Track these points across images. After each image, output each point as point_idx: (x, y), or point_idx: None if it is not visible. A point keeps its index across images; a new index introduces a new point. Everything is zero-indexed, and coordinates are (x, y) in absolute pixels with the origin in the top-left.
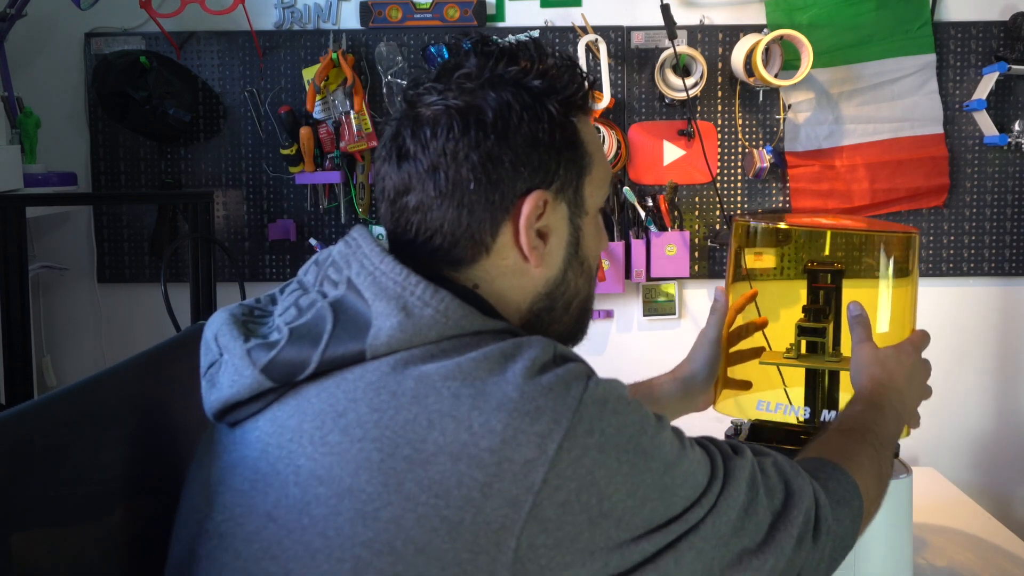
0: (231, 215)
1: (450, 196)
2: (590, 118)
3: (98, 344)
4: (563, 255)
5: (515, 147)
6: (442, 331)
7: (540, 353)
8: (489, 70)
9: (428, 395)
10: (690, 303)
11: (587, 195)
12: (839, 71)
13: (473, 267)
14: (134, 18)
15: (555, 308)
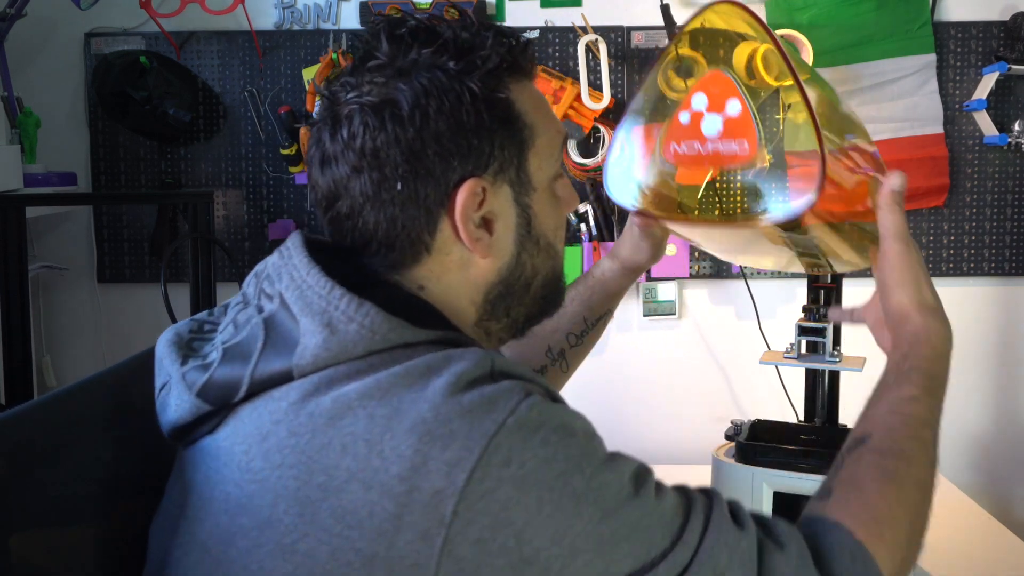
0: (231, 215)
1: (377, 198)
2: (530, 80)
3: (98, 344)
4: (513, 239)
5: (438, 137)
6: (369, 346)
7: (471, 367)
8: (402, 56)
9: (344, 416)
10: (690, 303)
11: (533, 170)
12: (839, 71)
13: (417, 268)
14: (134, 18)
15: (513, 292)
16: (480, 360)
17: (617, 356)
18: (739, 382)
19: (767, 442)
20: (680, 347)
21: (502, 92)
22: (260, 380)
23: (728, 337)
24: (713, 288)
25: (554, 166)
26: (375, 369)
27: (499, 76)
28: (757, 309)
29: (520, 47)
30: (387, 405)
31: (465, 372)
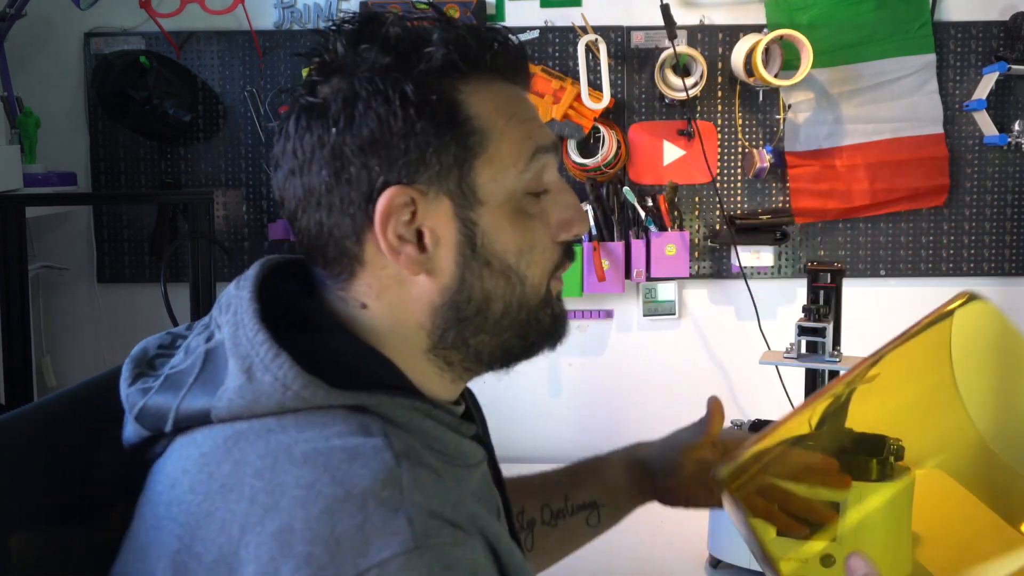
0: (231, 215)
1: (307, 202)
2: (502, 82)
3: (98, 344)
4: (454, 257)
5: (359, 138)
6: (281, 402)
7: (369, 483)
8: (349, 55)
9: (234, 490)
10: (690, 303)
11: (482, 181)
12: (839, 71)
13: (355, 282)
14: (134, 18)
15: (467, 320)
16: (386, 477)
17: (617, 356)
18: (739, 382)
19: None
20: (680, 347)
21: (442, 96)
22: (184, 415)
23: (728, 337)
24: (713, 288)
25: (520, 180)
26: (284, 433)
27: (443, 76)
28: (757, 309)
29: (480, 44)
30: (270, 494)
31: (357, 488)
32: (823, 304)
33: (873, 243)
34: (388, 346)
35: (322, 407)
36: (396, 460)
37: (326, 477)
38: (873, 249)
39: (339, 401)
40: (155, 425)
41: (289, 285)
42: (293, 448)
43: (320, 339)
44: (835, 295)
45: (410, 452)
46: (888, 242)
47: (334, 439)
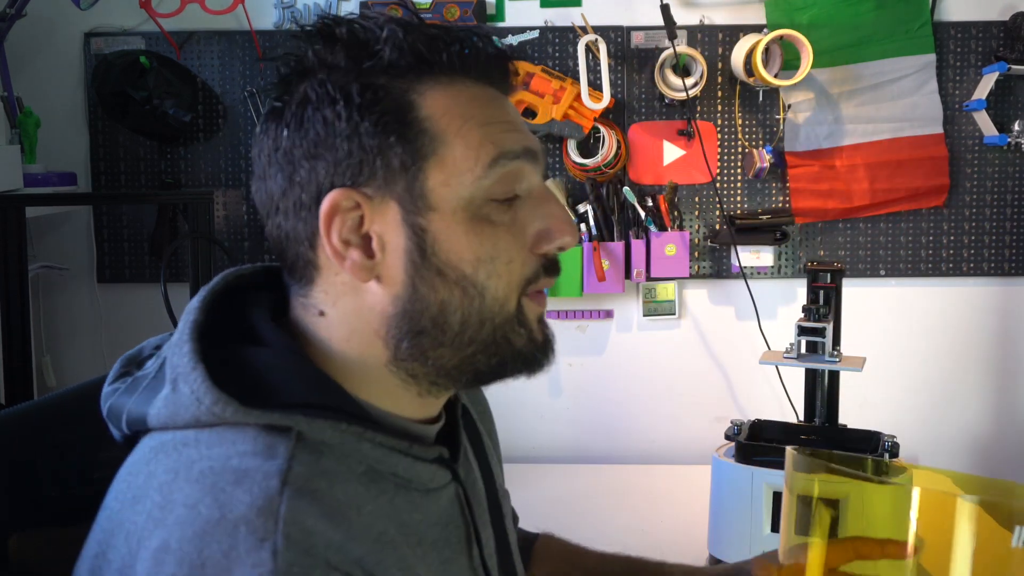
0: (231, 215)
1: (269, 207)
2: (457, 80)
3: (98, 344)
4: (403, 266)
5: (306, 139)
6: (196, 415)
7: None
8: (305, 56)
9: (140, 500)
10: (690, 303)
11: (433, 186)
12: (839, 71)
13: (313, 289)
14: (134, 18)
15: (424, 332)
16: (263, 505)
17: (617, 356)
18: (739, 382)
19: (767, 442)
20: (680, 347)
21: (386, 94)
22: (131, 419)
23: (728, 337)
24: (713, 288)
25: (478, 185)
26: (195, 448)
27: (396, 76)
28: (757, 309)
29: (438, 44)
30: (162, 510)
31: (233, 513)
32: (823, 304)
33: (873, 243)
34: (346, 358)
35: (237, 423)
36: (281, 488)
37: (208, 498)
38: (873, 249)
39: (251, 419)
40: (117, 426)
41: (258, 294)
42: (194, 465)
43: (250, 354)
44: (835, 295)
45: (312, 480)
46: (888, 242)
47: (233, 459)
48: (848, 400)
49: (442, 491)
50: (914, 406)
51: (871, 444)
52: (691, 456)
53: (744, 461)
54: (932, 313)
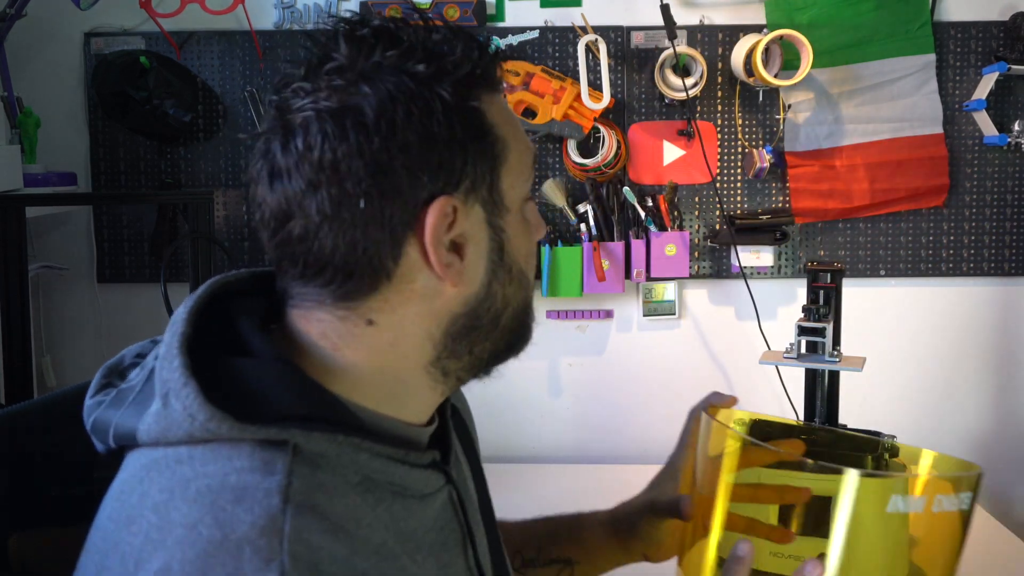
0: (231, 215)
1: (337, 218)
2: (499, 94)
3: (98, 344)
4: (485, 266)
5: (406, 148)
6: (190, 432)
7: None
8: (364, 58)
9: (135, 521)
10: (690, 303)
11: (506, 189)
12: (839, 71)
13: (371, 298)
14: (134, 18)
15: (480, 327)
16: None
17: (617, 356)
18: (739, 382)
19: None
20: (680, 347)
21: (474, 102)
22: (119, 434)
23: (728, 337)
24: (713, 288)
25: (525, 186)
26: (189, 465)
27: (471, 85)
28: (757, 309)
29: (491, 56)
30: (160, 531)
31: (236, 533)
32: (823, 304)
33: (873, 243)
34: (383, 370)
35: (232, 439)
36: (283, 506)
37: (208, 518)
38: (873, 249)
39: (247, 434)
40: (102, 440)
41: (245, 302)
42: (190, 484)
43: (241, 366)
44: (835, 295)
45: (312, 496)
46: (888, 242)
47: (231, 476)
48: (848, 400)
49: (436, 495)
50: (914, 406)
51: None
52: None
53: None
54: (932, 313)
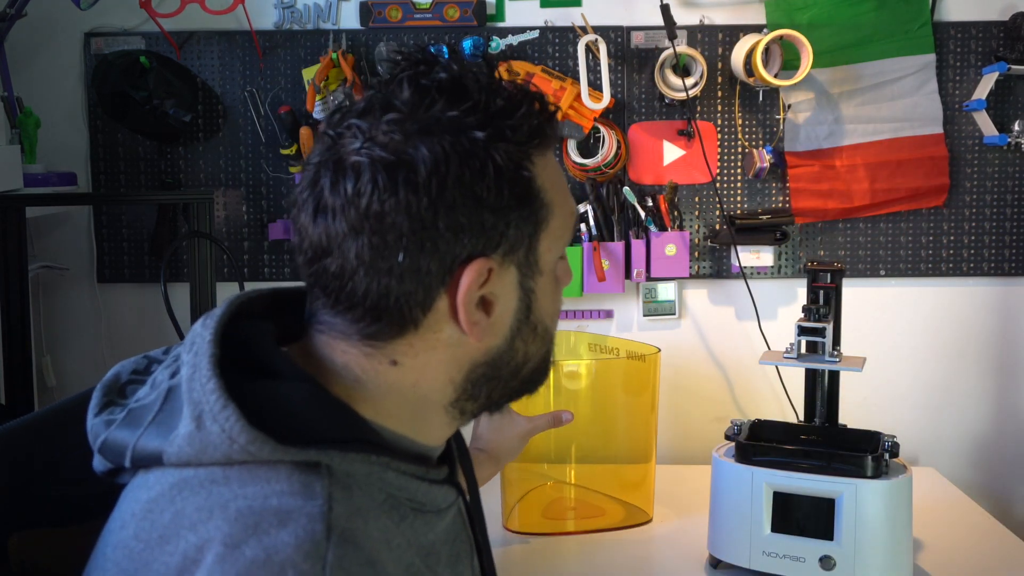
0: (231, 215)
1: (374, 265)
2: (551, 152)
3: (98, 344)
4: (511, 323)
5: (452, 209)
6: (228, 454)
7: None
8: (424, 110)
9: (171, 541)
10: (690, 303)
11: (542, 252)
12: (839, 71)
13: (397, 341)
14: (134, 18)
15: (499, 377)
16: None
17: None
18: (739, 382)
19: (767, 442)
20: (680, 347)
21: (526, 168)
22: (140, 455)
23: (728, 337)
24: (713, 288)
25: (562, 248)
26: (227, 486)
27: (526, 149)
28: (757, 309)
29: (548, 116)
30: (199, 550)
31: (279, 555)
32: (823, 304)
33: (873, 243)
34: (404, 401)
35: (270, 461)
36: (327, 533)
37: (253, 539)
38: (873, 249)
39: (287, 456)
40: (116, 460)
41: (263, 324)
42: (230, 504)
43: (276, 390)
44: (835, 295)
45: (351, 520)
46: (888, 242)
47: (272, 498)
48: (848, 400)
49: (449, 509)
50: (914, 406)
51: (871, 444)
52: (691, 456)
53: (744, 461)
54: (932, 313)
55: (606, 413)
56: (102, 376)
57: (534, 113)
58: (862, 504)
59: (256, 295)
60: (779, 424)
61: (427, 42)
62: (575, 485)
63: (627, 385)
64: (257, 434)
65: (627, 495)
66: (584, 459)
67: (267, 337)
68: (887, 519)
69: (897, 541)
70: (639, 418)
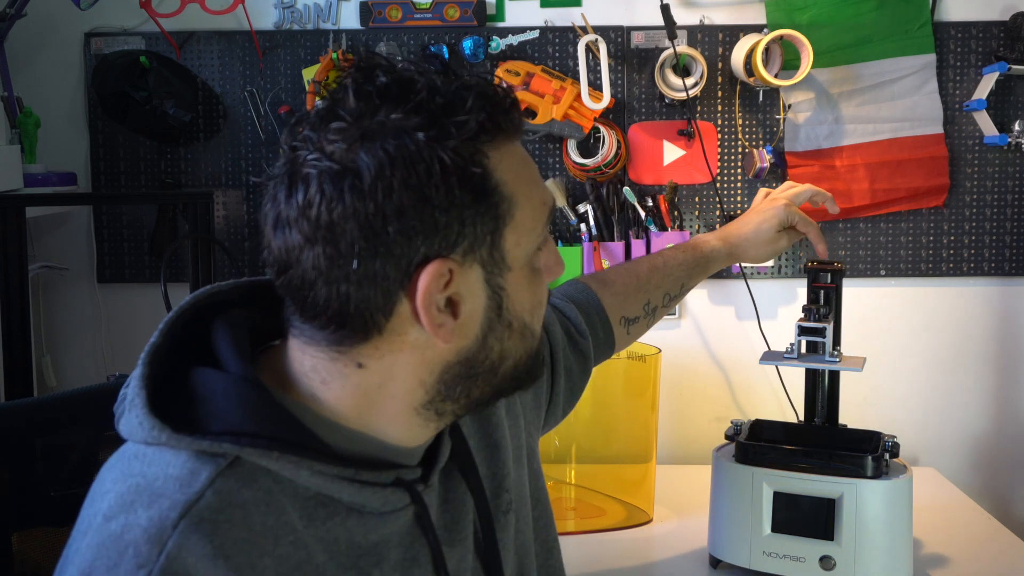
0: (231, 215)
1: (331, 274)
2: (514, 143)
3: (98, 344)
4: (481, 322)
5: (401, 212)
6: (143, 436)
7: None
8: (369, 116)
9: (94, 502)
10: (690, 303)
11: (509, 247)
12: (839, 71)
13: (363, 344)
14: (134, 18)
15: (476, 375)
16: (155, 533)
17: None
18: (739, 382)
19: (767, 442)
20: (680, 347)
21: (477, 164)
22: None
23: (728, 337)
24: (713, 288)
25: (536, 240)
26: (138, 462)
27: (476, 143)
28: (757, 309)
29: (504, 107)
30: (92, 518)
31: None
32: (823, 304)
33: (873, 243)
34: (371, 403)
35: (175, 447)
36: (177, 521)
37: (122, 515)
38: (873, 249)
39: (184, 445)
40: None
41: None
42: (128, 479)
43: (199, 378)
44: (835, 295)
45: (223, 512)
46: (888, 242)
47: (158, 481)
48: (848, 400)
49: (399, 513)
50: (914, 406)
51: (871, 444)
52: (691, 456)
53: (744, 461)
54: (932, 313)
55: (606, 413)
56: (102, 376)
57: (483, 106)
58: (862, 504)
59: (228, 286)
60: (779, 424)
61: (427, 42)
62: (575, 485)
63: (627, 385)
64: (156, 421)
65: (627, 495)
66: (584, 459)
67: (222, 328)
68: (887, 519)
69: (897, 541)
70: (639, 418)
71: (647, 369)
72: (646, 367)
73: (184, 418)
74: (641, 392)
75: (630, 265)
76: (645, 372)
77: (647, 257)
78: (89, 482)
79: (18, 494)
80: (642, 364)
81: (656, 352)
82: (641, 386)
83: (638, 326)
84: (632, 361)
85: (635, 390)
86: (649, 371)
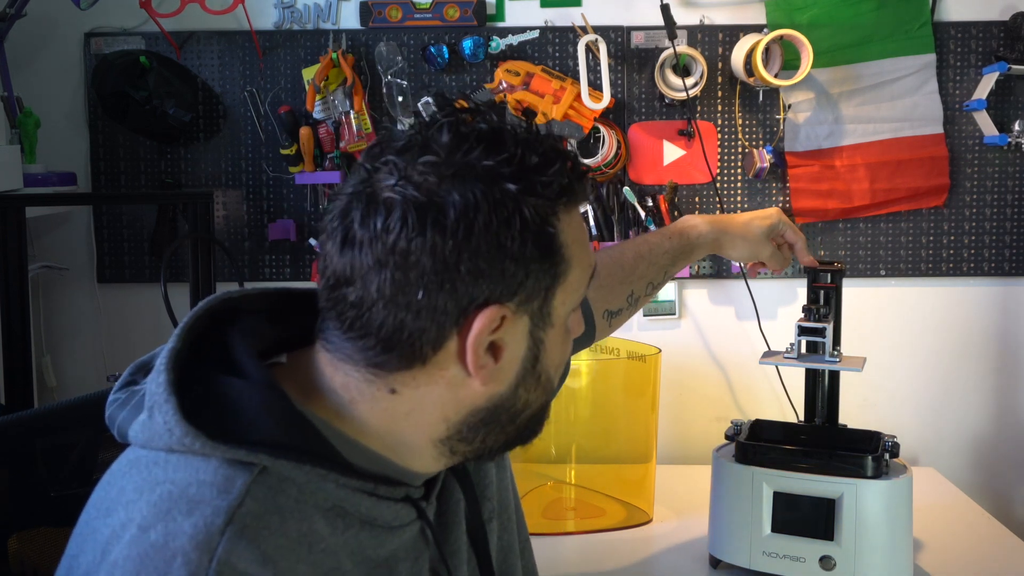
0: (231, 215)
1: (394, 300)
2: (578, 209)
3: (98, 344)
4: (517, 371)
5: (476, 255)
6: (169, 443)
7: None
8: (461, 156)
9: (110, 513)
10: (690, 303)
11: (556, 305)
12: (839, 71)
13: (401, 372)
14: (134, 18)
15: (496, 422)
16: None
17: None
18: (739, 382)
19: (767, 442)
20: (680, 347)
21: (551, 224)
22: (121, 433)
23: (728, 337)
24: (713, 288)
25: (577, 301)
26: (163, 470)
27: (554, 205)
28: (757, 309)
29: (579, 176)
30: (123, 527)
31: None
32: (823, 304)
33: (873, 243)
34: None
35: (205, 454)
36: (224, 527)
37: (160, 524)
38: (873, 249)
39: (219, 452)
40: (118, 434)
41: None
42: (157, 488)
43: (231, 389)
44: (835, 295)
45: (262, 518)
46: (888, 242)
47: (192, 487)
48: (848, 400)
49: (407, 528)
50: (914, 406)
51: (871, 444)
52: (691, 456)
53: (744, 461)
54: (932, 313)
55: (606, 413)
56: (102, 376)
57: (566, 172)
58: (862, 504)
59: (239, 294)
60: (779, 424)
61: (427, 42)
62: (575, 485)
63: (627, 385)
64: (189, 428)
65: (627, 495)
66: (584, 459)
67: (241, 335)
68: (887, 519)
69: (897, 541)
70: (639, 418)
71: (647, 369)
72: (646, 367)
73: (216, 426)
74: (641, 392)
75: (615, 253)
76: (645, 372)
77: (632, 243)
78: (89, 482)
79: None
80: (642, 364)
81: (656, 352)
82: (641, 386)
83: (620, 317)
84: (632, 361)
85: (635, 390)
86: (649, 371)
